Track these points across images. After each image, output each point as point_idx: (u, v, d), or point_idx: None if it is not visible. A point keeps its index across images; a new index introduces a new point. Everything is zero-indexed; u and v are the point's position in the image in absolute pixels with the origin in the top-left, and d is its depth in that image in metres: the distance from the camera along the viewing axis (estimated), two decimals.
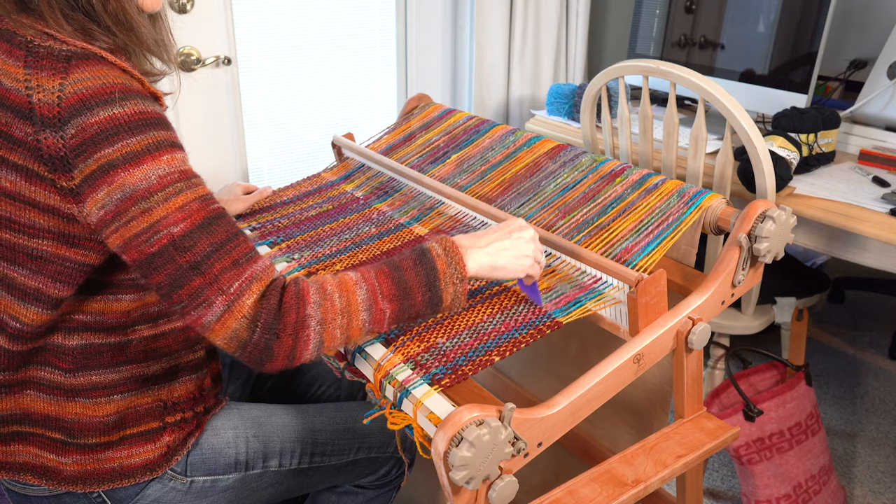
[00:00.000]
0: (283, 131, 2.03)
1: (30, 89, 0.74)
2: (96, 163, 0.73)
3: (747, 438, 1.49)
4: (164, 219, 0.74)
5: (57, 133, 0.73)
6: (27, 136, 0.75)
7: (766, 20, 1.82)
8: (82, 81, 0.74)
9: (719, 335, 1.64)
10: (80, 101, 0.73)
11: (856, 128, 1.72)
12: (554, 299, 1.02)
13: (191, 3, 1.69)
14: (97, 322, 0.87)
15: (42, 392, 0.89)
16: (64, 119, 0.73)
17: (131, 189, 0.74)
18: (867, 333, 2.47)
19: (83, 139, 0.73)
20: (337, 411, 1.13)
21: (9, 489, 0.97)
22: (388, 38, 2.16)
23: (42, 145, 0.74)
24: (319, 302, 0.79)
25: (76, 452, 0.90)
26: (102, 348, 0.88)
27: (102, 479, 0.91)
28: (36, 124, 0.74)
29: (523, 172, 1.30)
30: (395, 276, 0.83)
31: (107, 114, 0.73)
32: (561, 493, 0.94)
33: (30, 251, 0.80)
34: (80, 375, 0.88)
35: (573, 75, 2.42)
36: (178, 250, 0.75)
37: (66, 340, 0.87)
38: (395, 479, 1.21)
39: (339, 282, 0.81)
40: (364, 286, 0.82)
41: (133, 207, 0.74)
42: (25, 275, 0.82)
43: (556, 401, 0.87)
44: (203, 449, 0.99)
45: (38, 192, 0.77)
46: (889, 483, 1.79)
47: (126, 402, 0.91)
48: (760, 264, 1.08)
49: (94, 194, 0.74)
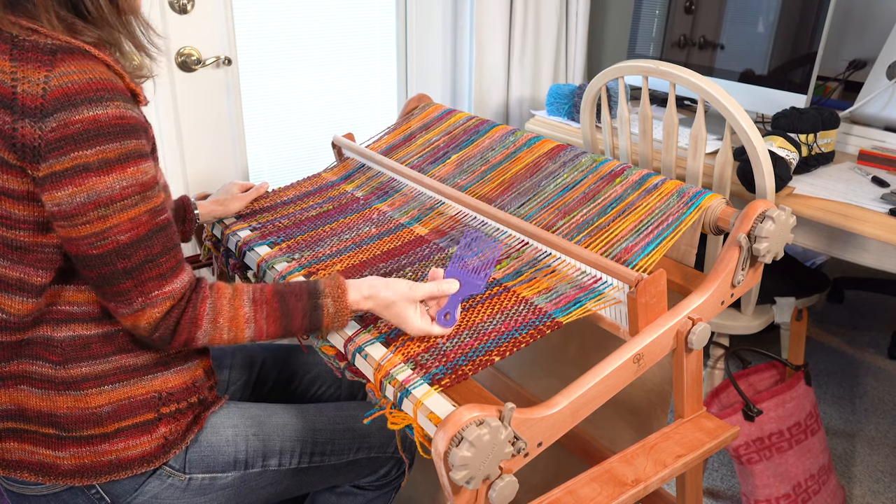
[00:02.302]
0: (283, 131, 2.03)
1: (15, 80, 0.76)
2: (71, 161, 0.76)
3: (747, 438, 1.49)
4: (115, 227, 0.80)
5: (36, 124, 0.75)
6: (4, 124, 0.76)
7: (766, 20, 1.83)
8: (68, 75, 0.76)
9: (719, 335, 1.64)
10: (65, 96, 0.75)
11: (855, 128, 1.72)
12: (554, 299, 1.02)
13: (191, 3, 1.69)
14: (84, 313, 0.89)
15: (34, 387, 0.90)
16: (47, 111, 0.75)
17: (96, 195, 0.78)
18: (866, 333, 2.48)
19: (63, 135, 0.75)
20: (337, 411, 1.13)
21: (6, 489, 0.97)
22: (388, 38, 2.16)
23: (17, 133, 0.76)
24: (209, 331, 0.89)
25: (72, 446, 0.91)
26: (91, 339, 0.90)
27: (100, 471, 0.92)
28: (16, 113, 0.76)
29: (523, 173, 1.30)
30: (283, 322, 0.93)
31: (91, 114, 0.76)
32: (561, 492, 0.94)
33: (9, 242, 0.83)
34: (71, 367, 0.89)
35: (573, 75, 2.42)
36: (119, 257, 0.81)
37: (54, 332, 0.88)
38: (395, 480, 1.21)
39: (231, 317, 0.90)
40: (252, 327, 0.91)
41: (92, 212, 0.79)
42: (7, 265, 0.84)
43: (556, 401, 0.88)
44: (202, 446, 0.99)
45: (12, 180, 0.79)
46: (888, 482, 1.79)
47: (118, 392, 0.92)
48: (760, 264, 1.08)
49: (55, 191, 0.78)
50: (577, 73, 2.42)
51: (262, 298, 0.92)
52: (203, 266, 1.39)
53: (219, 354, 1.25)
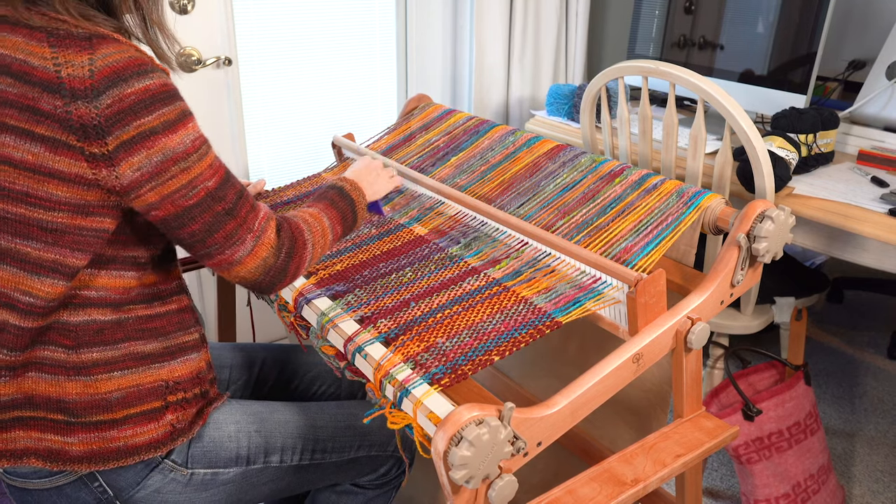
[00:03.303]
0: (283, 131, 2.04)
1: (58, 66, 0.79)
2: (136, 129, 0.80)
3: (746, 438, 1.49)
4: (200, 175, 0.85)
5: (90, 104, 0.78)
6: (56, 108, 0.79)
7: (766, 21, 1.83)
8: (110, 56, 0.79)
9: (718, 335, 1.64)
10: (113, 73, 0.79)
11: (854, 128, 1.73)
12: (553, 299, 1.02)
13: (191, 3, 1.69)
14: (101, 298, 0.90)
15: (44, 373, 0.91)
16: (99, 90, 0.78)
17: (171, 152, 0.83)
18: (866, 333, 2.48)
19: (120, 109, 0.79)
20: (338, 409, 1.14)
21: (9, 485, 0.97)
22: (388, 38, 2.16)
23: (72, 116, 0.79)
24: (308, 228, 0.98)
25: (81, 431, 0.91)
26: (104, 325, 0.91)
27: (108, 457, 0.92)
28: (66, 97, 0.79)
29: (523, 173, 1.30)
30: (335, 208, 1.06)
31: (141, 85, 0.80)
32: (560, 492, 0.94)
33: (45, 224, 0.84)
34: (83, 352, 0.90)
35: (573, 76, 2.43)
36: (215, 200, 0.87)
37: (71, 317, 0.90)
38: (395, 479, 1.21)
39: (308, 215, 1.01)
40: (324, 216, 1.03)
41: (173, 167, 0.83)
42: (40, 248, 0.85)
43: (556, 400, 0.88)
44: (204, 441, 0.99)
45: (63, 161, 0.81)
46: (888, 482, 1.79)
47: (127, 379, 0.93)
48: (759, 264, 1.08)
49: (130, 158, 0.81)
50: (576, 74, 2.42)
51: (324, 206, 1.04)
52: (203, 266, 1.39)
53: (218, 354, 1.25)
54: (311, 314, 1.06)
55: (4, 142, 0.81)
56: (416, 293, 1.08)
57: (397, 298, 1.07)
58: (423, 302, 1.05)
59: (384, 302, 1.06)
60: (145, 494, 0.96)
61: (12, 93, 0.80)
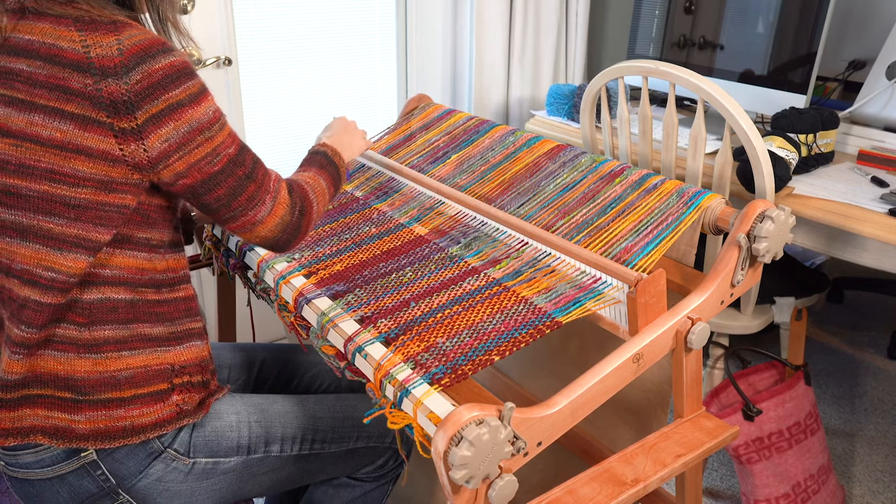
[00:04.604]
0: (283, 131, 2.04)
1: (87, 47, 0.83)
2: (164, 103, 0.85)
3: (746, 438, 1.50)
4: (222, 143, 0.92)
5: (120, 80, 0.83)
6: (86, 87, 0.83)
7: (766, 21, 1.83)
8: (135, 36, 0.84)
9: (718, 335, 1.64)
10: (141, 51, 0.83)
11: (854, 128, 1.73)
12: (554, 299, 1.02)
13: (191, 3, 1.69)
14: (115, 277, 0.92)
15: (55, 350, 0.92)
16: (128, 67, 0.83)
17: (196, 122, 0.88)
18: (866, 333, 2.48)
19: (149, 83, 0.84)
20: (337, 401, 1.15)
21: (11, 477, 0.97)
22: (388, 38, 2.16)
23: (103, 93, 0.83)
24: (311, 188, 1.06)
25: (88, 409, 0.93)
26: (118, 303, 0.93)
27: (114, 436, 0.93)
28: (95, 75, 0.82)
29: (523, 172, 1.30)
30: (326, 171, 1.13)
31: (167, 61, 0.85)
32: (560, 492, 0.94)
33: (68, 200, 0.87)
34: (96, 329, 0.92)
35: (573, 76, 2.43)
36: (236, 165, 0.93)
37: (85, 294, 0.91)
38: (392, 472, 1.21)
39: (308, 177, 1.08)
40: (319, 177, 1.10)
41: (199, 136, 0.89)
42: (63, 224, 0.88)
43: (556, 400, 0.88)
44: (206, 431, 1.01)
45: (92, 137, 0.84)
46: (888, 482, 1.79)
47: (136, 360, 0.94)
48: (759, 264, 1.08)
49: (159, 130, 0.86)
50: (576, 73, 2.42)
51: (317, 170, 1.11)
52: (203, 266, 1.39)
53: (218, 354, 1.25)
54: (311, 314, 1.06)
55: (33, 120, 0.84)
56: (416, 293, 1.08)
57: (397, 298, 1.07)
58: (423, 302, 1.05)
59: (384, 302, 1.06)
60: (147, 483, 0.97)
61: (42, 74, 0.83)
